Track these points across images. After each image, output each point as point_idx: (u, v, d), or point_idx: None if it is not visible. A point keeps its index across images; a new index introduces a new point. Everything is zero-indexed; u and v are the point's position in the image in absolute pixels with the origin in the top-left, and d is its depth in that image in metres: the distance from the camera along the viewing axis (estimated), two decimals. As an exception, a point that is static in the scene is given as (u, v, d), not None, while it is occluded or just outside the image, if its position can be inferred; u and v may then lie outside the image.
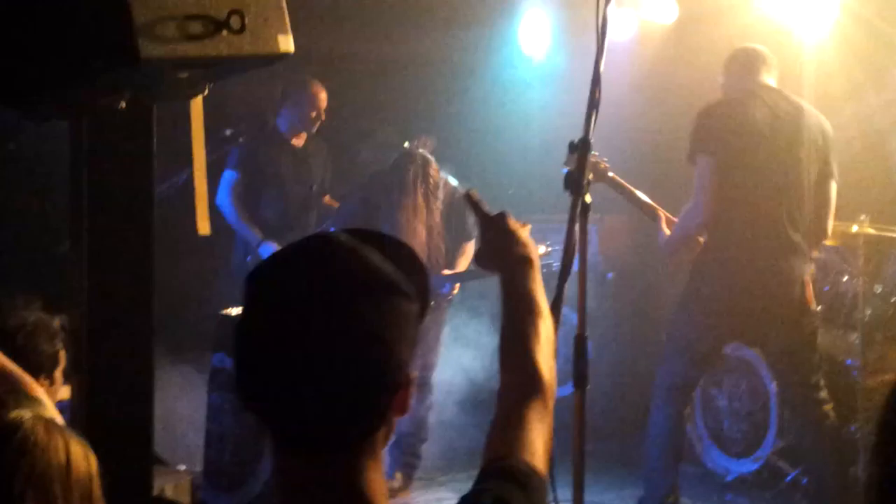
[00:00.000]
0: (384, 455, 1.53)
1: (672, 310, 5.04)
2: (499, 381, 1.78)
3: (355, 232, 1.60)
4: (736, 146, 4.66)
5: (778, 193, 4.68)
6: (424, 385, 5.51)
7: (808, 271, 4.80)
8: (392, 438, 1.55)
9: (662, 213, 4.96)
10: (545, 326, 1.84)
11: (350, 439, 1.44)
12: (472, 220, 5.71)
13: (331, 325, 1.41)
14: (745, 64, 4.83)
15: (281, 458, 1.46)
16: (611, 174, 4.98)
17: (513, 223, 1.98)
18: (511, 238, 1.96)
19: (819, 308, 4.97)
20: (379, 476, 1.46)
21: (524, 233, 1.99)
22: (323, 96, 5.82)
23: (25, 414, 2.01)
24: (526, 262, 1.93)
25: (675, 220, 4.89)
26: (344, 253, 1.47)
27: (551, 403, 1.73)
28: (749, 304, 4.73)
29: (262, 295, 1.46)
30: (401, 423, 4.92)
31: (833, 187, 4.80)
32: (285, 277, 1.46)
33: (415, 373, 1.49)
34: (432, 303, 5.22)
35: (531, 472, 1.58)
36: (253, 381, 1.44)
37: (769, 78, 4.83)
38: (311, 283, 1.43)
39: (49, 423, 2.03)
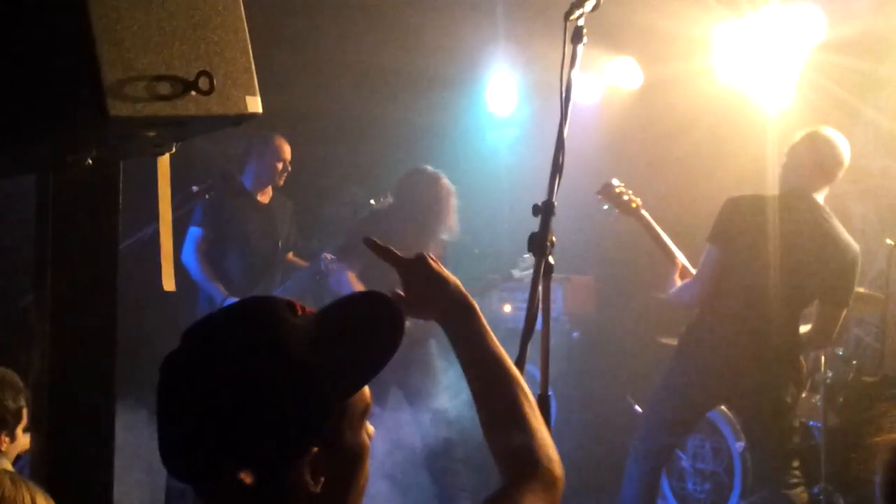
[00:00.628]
0: None
1: (658, 378, 5.08)
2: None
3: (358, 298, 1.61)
4: (746, 247, 4.73)
5: (772, 303, 4.70)
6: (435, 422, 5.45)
7: (791, 373, 4.83)
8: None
9: (679, 263, 5.04)
10: (521, 392, 1.75)
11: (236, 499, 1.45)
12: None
13: (196, 392, 1.46)
14: (811, 169, 4.77)
15: None
16: (642, 212, 5.09)
17: (434, 264, 1.88)
18: (438, 281, 1.85)
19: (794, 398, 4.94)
20: None
21: (447, 272, 1.89)
22: (286, 148, 5.87)
23: None
24: (465, 307, 1.82)
25: (691, 271, 4.99)
26: (254, 324, 1.49)
27: (557, 475, 1.69)
28: (730, 387, 4.84)
29: (176, 351, 1.54)
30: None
31: (839, 313, 4.80)
32: (192, 338, 1.53)
33: (315, 448, 1.48)
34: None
35: None
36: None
37: (822, 190, 4.80)
38: (202, 346, 1.50)
39: (15, 476, 2.02)
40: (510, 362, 1.80)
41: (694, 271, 4.97)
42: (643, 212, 5.09)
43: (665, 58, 6.24)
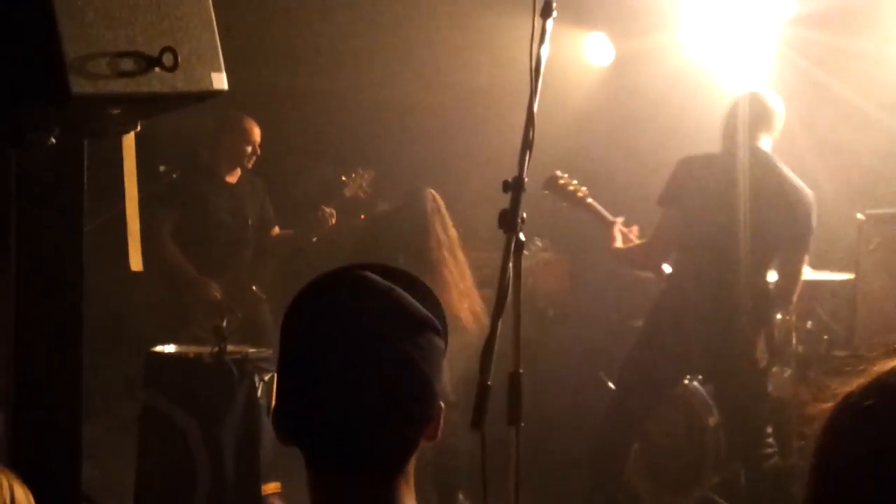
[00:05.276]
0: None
1: (630, 344, 5.09)
2: None
3: (377, 268, 1.67)
4: (701, 203, 4.74)
5: (736, 254, 4.71)
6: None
7: (762, 330, 4.86)
8: None
9: (617, 228, 4.98)
10: None
11: (389, 464, 1.54)
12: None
13: (375, 358, 1.51)
14: (739, 119, 4.83)
15: (319, 481, 1.55)
16: (589, 201, 5.02)
17: None
18: None
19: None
20: (412, 499, 1.57)
21: None
22: (256, 131, 5.82)
23: None
24: None
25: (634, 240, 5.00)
26: (380, 291, 1.56)
27: None
28: (701, 344, 4.82)
29: (307, 332, 1.55)
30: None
31: (800, 259, 4.85)
32: (328, 315, 1.55)
33: (442, 403, 1.59)
34: None
35: None
36: (296, 410, 1.54)
37: (765, 138, 4.85)
38: (353, 320, 1.53)
39: None
40: None
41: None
42: (590, 200, 5.02)
43: (635, 33, 6.24)
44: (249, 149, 5.81)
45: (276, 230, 6.09)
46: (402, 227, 5.35)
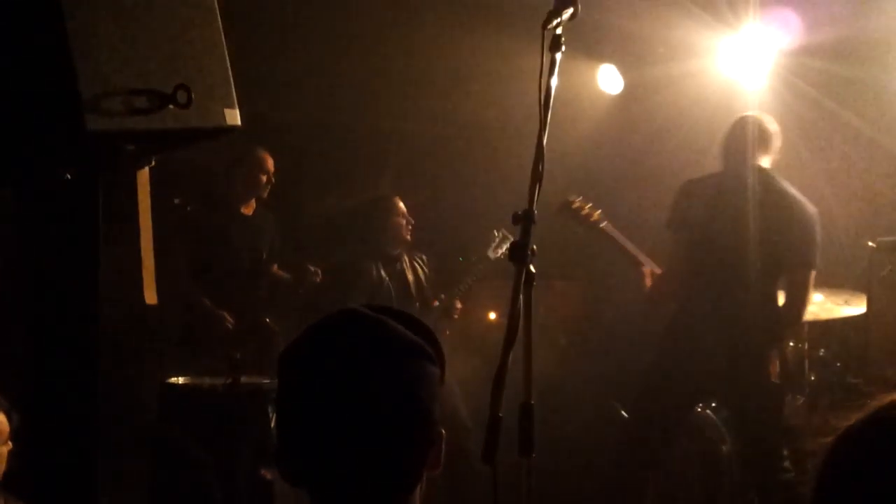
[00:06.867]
0: None
1: (640, 374, 5.09)
2: None
3: (372, 307, 1.71)
4: (707, 223, 4.78)
5: (745, 271, 4.73)
6: None
7: (774, 348, 4.87)
8: None
9: (648, 270, 5.02)
10: None
11: (392, 495, 1.56)
12: None
13: (370, 387, 1.53)
14: (740, 140, 4.89)
15: None
16: (602, 226, 5.03)
17: None
18: None
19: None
20: None
21: None
22: (270, 161, 5.90)
23: None
24: None
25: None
26: (371, 323, 1.59)
27: None
28: (713, 366, 4.81)
29: (303, 369, 1.58)
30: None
31: (806, 275, 4.83)
32: (321, 351, 1.57)
33: (443, 430, 1.61)
34: None
35: None
36: (299, 449, 1.56)
37: (764, 156, 4.90)
38: (346, 352, 1.56)
39: (6, 495, 2.01)
40: None
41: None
42: (603, 225, 5.03)
43: (645, 64, 6.27)
44: (264, 178, 5.88)
45: (275, 267, 6.11)
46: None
